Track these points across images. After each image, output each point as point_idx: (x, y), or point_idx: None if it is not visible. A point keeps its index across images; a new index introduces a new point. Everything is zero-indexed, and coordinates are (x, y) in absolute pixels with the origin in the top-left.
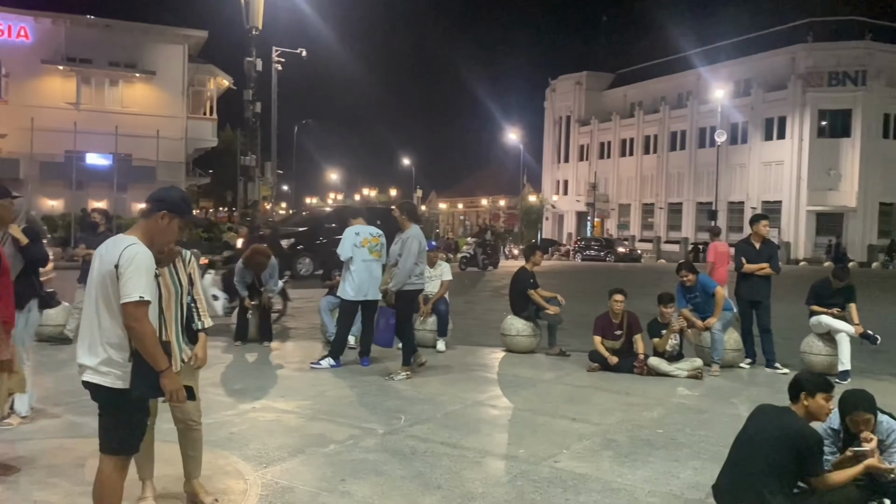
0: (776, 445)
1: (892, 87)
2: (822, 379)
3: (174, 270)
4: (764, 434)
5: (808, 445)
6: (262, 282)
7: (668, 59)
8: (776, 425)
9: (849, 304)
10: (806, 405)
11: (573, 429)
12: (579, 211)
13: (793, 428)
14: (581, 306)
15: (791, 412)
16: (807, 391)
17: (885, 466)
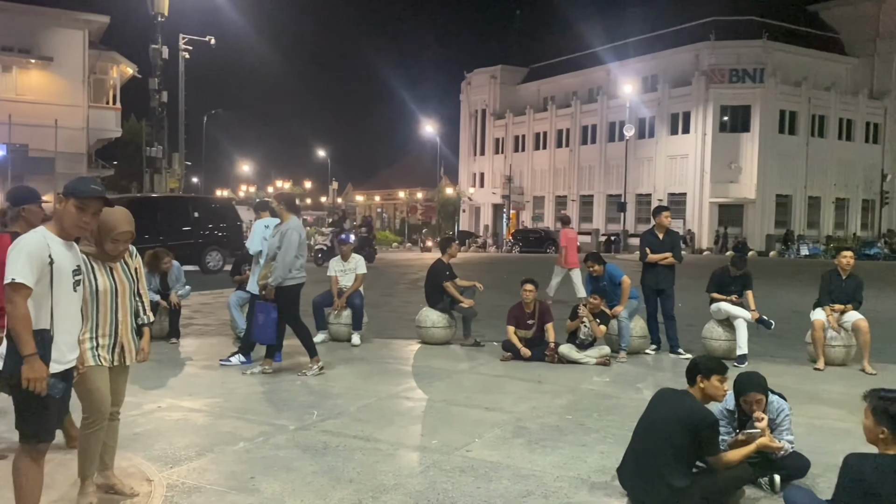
0: (675, 427)
1: (787, 84)
2: (717, 362)
3: (125, 265)
4: (663, 417)
5: (704, 426)
6: (168, 283)
7: (578, 55)
8: (674, 408)
9: (746, 291)
10: (702, 388)
11: (486, 418)
12: (495, 203)
13: (689, 410)
14: (496, 297)
15: (688, 395)
16: (702, 374)
17: (776, 445)
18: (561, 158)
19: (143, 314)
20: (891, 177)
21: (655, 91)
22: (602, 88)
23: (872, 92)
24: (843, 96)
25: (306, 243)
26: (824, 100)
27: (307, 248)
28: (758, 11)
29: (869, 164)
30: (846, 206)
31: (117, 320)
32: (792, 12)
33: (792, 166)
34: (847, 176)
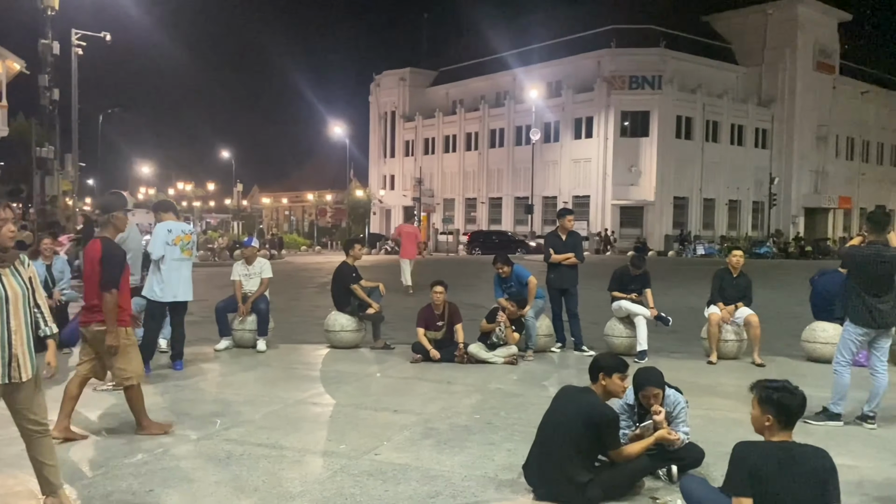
0: (577, 424)
1: (683, 91)
2: (618, 360)
3: (17, 272)
4: (566, 414)
5: (605, 422)
6: (53, 278)
7: (486, 60)
8: (577, 405)
9: (645, 289)
10: (604, 385)
11: (395, 420)
12: (406, 205)
13: (591, 407)
14: (406, 299)
15: (590, 391)
16: (605, 372)
17: (673, 437)
18: (470, 161)
19: (45, 325)
20: (778, 180)
21: (560, 96)
22: (509, 93)
23: (761, 99)
24: (735, 103)
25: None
26: (718, 106)
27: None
28: (656, 20)
29: (758, 167)
30: (738, 207)
31: (9, 331)
32: (687, 22)
33: (688, 170)
34: (739, 179)
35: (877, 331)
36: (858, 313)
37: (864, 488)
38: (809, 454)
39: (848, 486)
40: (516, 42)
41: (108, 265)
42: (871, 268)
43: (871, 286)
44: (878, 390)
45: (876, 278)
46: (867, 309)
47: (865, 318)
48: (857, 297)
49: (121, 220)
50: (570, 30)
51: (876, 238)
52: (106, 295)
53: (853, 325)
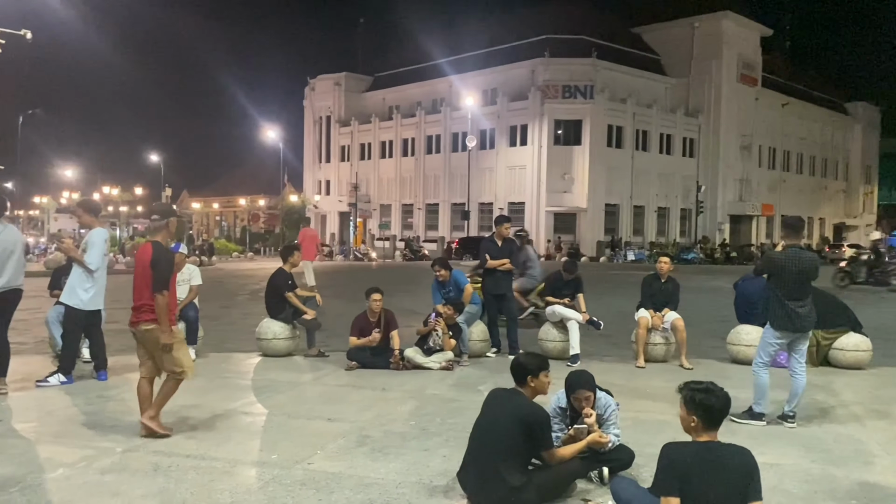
0: (509, 426)
1: (614, 101)
2: (541, 359)
3: None
4: (497, 417)
5: (537, 422)
6: None
7: (422, 66)
8: (507, 408)
9: (577, 294)
10: (532, 386)
11: (329, 429)
12: (342, 211)
13: (522, 408)
14: (341, 306)
15: (519, 394)
16: (531, 374)
17: (604, 440)
18: (407, 167)
19: None
20: (705, 188)
21: (495, 104)
22: (445, 100)
23: (688, 110)
24: (664, 113)
25: None
26: (647, 116)
27: None
28: (587, 31)
29: (686, 175)
30: (667, 214)
31: None
32: (618, 34)
33: (619, 177)
34: (667, 187)
35: (795, 334)
36: (778, 318)
37: (784, 485)
38: (733, 453)
39: (769, 483)
40: (452, 49)
41: (159, 268)
42: (791, 272)
43: (791, 290)
44: (797, 391)
45: (796, 282)
46: (787, 313)
47: (785, 323)
48: (777, 302)
49: (173, 225)
50: (505, 39)
51: (793, 242)
52: (158, 296)
53: (773, 329)
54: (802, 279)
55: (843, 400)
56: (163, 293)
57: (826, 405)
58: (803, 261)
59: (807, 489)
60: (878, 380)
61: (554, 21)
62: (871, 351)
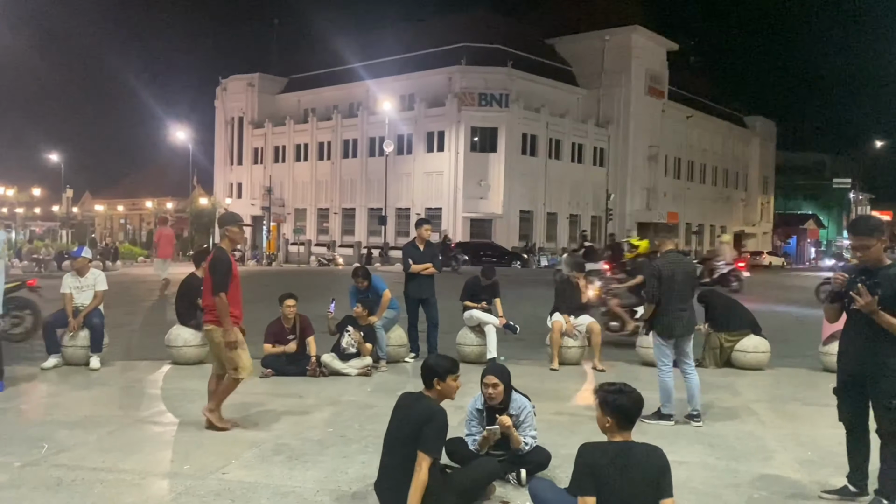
0: (416, 430)
1: (528, 109)
2: (451, 361)
3: None
4: (405, 421)
5: (426, 422)
6: None
7: (339, 69)
8: (412, 412)
9: (494, 299)
10: (439, 389)
11: (244, 437)
12: (255, 215)
13: (424, 412)
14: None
15: (425, 397)
16: (438, 377)
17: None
18: (323, 171)
19: None
20: (614, 196)
21: (412, 110)
22: (362, 104)
23: (599, 120)
24: (576, 123)
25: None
26: (560, 125)
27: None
28: (502, 41)
29: (596, 184)
30: (578, 221)
31: None
32: (532, 44)
33: (533, 185)
34: (579, 195)
35: (679, 339)
36: (664, 326)
37: (692, 481)
38: (646, 452)
39: (678, 479)
40: (369, 53)
41: (214, 272)
42: (678, 278)
43: (679, 296)
44: (693, 390)
45: (682, 288)
46: (672, 321)
47: (669, 331)
48: (664, 310)
49: (234, 233)
50: (422, 45)
51: (672, 247)
52: (216, 298)
53: (659, 336)
54: (687, 284)
55: (745, 399)
56: (220, 295)
57: (729, 405)
58: (686, 265)
59: (712, 484)
60: (776, 379)
61: (470, 29)
62: (769, 352)
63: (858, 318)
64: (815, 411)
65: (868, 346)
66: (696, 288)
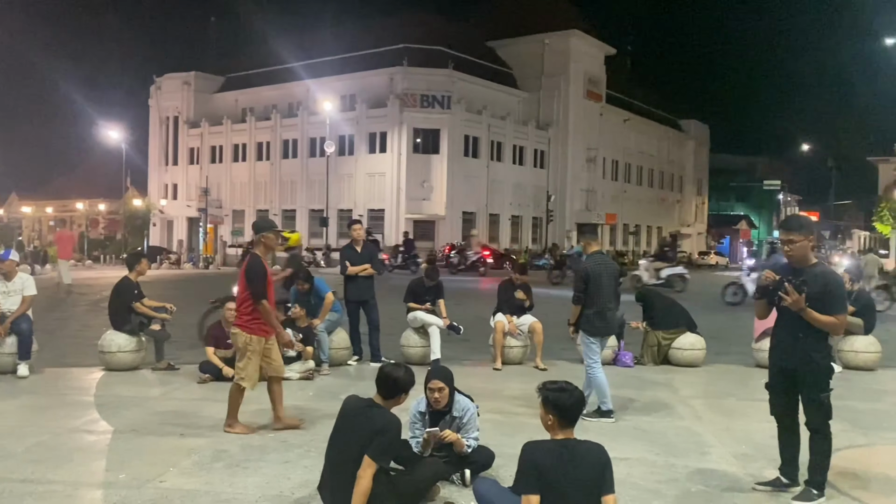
0: (364, 437)
1: (470, 111)
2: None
3: None
4: (352, 426)
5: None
6: None
7: (278, 68)
8: (363, 419)
9: (438, 300)
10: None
11: (182, 445)
12: (191, 217)
13: (378, 420)
14: (193, 317)
15: (376, 405)
16: (404, 391)
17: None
18: (262, 172)
19: None
20: (554, 198)
21: (354, 110)
22: (302, 103)
23: (539, 123)
24: (517, 125)
25: None
26: (501, 128)
27: None
28: (444, 43)
29: (537, 185)
30: (520, 222)
31: None
32: (474, 46)
33: (475, 186)
34: (520, 196)
35: (605, 338)
36: (592, 325)
37: (633, 477)
38: (588, 449)
39: (620, 475)
40: (309, 53)
41: (251, 279)
42: (606, 279)
43: (606, 296)
44: (603, 388)
45: (608, 287)
46: (600, 319)
47: (597, 329)
48: (592, 309)
49: (269, 239)
50: (363, 45)
51: (598, 248)
52: (258, 306)
53: (587, 335)
54: (612, 283)
55: (682, 395)
56: (261, 302)
57: (667, 401)
58: (610, 266)
59: (652, 479)
60: (712, 376)
61: (412, 30)
62: (705, 349)
63: (787, 315)
64: (748, 406)
65: (796, 342)
66: (620, 286)
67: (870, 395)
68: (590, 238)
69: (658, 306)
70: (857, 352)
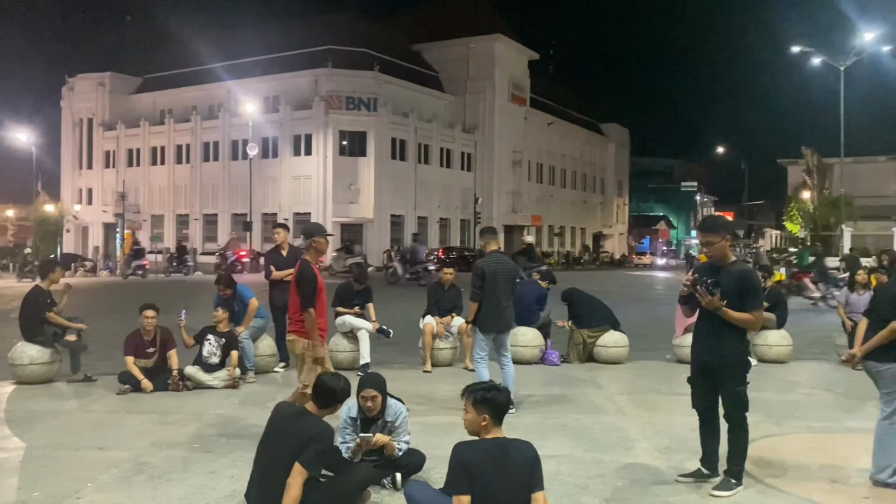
0: (296, 446)
1: (397, 114)
2: (349, 386)
3: None
4: (283, 433)
5: (313, 439)
6: None
7: (198, 69)
8: (294, 427)
9: (367, 304)
10: (329, 410)
11: (101, 458)
12: (107, 222)
13: (309, 428)
14: (110, 326)
15: (309, 413)
16: (339, 401)
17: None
18: (181, 175)
19: None
20: (481, 200)
21: (278, 112)
22: (224, 105)
23: (465, 126)
24: (443, 128)
25: None
26: (428, 131)
27: None
28: (369, 45)
29: (464, 188)
30: (448, 224)
31: None
32: (399, 49)
33: (403, 189)
34: (448, 199)
35: (500, 334)
36: (488, 321)
37: (561, 474)
38: (518, 448)
39: (549, 472)
40: (231, 53)
41: (300, 286)
42: (502, 277)
43: (503, 293)
44: (508, 380)
45: (505, 285)
46: (496, 316)
47: (493, 326)
48: (489, 306)
49: (320, 244)
50: (287, 46)
51: (496, 247)
52: (304, 314)
53: (480, 331)
54: (509, 282)
55: (608, 392)
56: (308, 311)
57: (593, 398)
58: (507, 264)
59: (580, 475)
60: (635, 372)
61: (336, 32)
62: (628, 346)
63: (708, 313)
64: (670, 401)
65: (715, 338)
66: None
67: (782, 387)
68: (489, 238)
69: (583, 305)
70: (771, 345)
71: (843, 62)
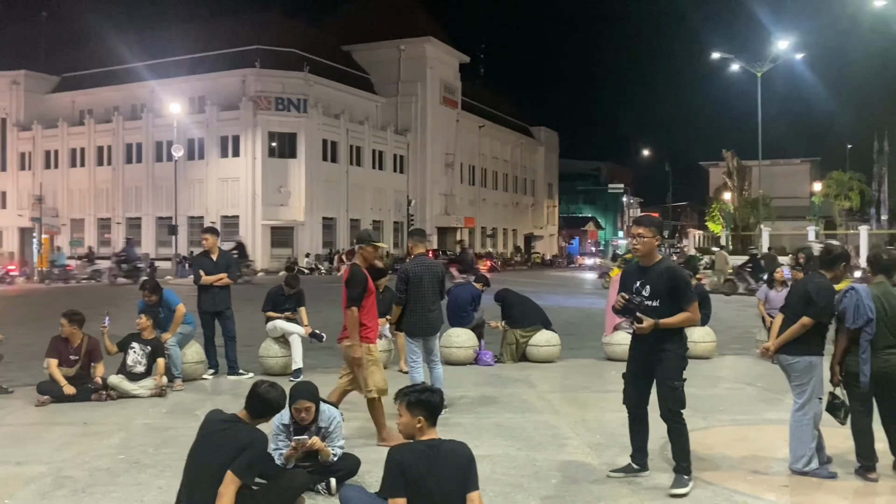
0: (229, 454)
1: (328, 116)
2: (284, 397)
3: None
4: (215, 443)
5: (248, 447)
6: None
7: (119, 68)
8: (227, 435)
9: (299, 308)
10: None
11: (18, 473)
12: (23, 227)
13: (249, 437)
14: (26, 335)
15: (242, 420)
16: (275, 412)
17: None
18: (103, 178)
19: None
20: (414, 202)
21: (204, 112)
22: (147, 105)
23: (398, 128)
24: (375, 130)
25: None
26: (360, 132)
27: None
28: (298, 45)
29: (397, 190)
30: (381, 227)
31: None
32: (329, 50)
33: (335, 191)
34: (381, 201)
35: (428, 338)
36: (415, 326)
37: (496, 473)
38: (453, 449)
39: (483, 472)
40: (154, 52)
41: (350, 286)
42: (427, 280)
43: (428, 297)
44: (437, 382)
45: (430, 288)
46: (422, 321)
47: (419, 330)
48: (413, 310)
49: (367, 252)
50: (213, 46)
51: (423, 250)
52: (347, 312)
53: (408, 336)
54: (436, 285)
55: (540, 391)
56: (351, 309)
57: (526, 397)
58: (434, 268)
59: (514, 474)
60: (566, 371)
61: (264, 32)
62: (560, 345)
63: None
64: (601, 398)
65: (654, 334)
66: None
67: (707, 382)
68: (416, 240)
69: (516, 306)
70: (696, 342)
71: (759, 68)
